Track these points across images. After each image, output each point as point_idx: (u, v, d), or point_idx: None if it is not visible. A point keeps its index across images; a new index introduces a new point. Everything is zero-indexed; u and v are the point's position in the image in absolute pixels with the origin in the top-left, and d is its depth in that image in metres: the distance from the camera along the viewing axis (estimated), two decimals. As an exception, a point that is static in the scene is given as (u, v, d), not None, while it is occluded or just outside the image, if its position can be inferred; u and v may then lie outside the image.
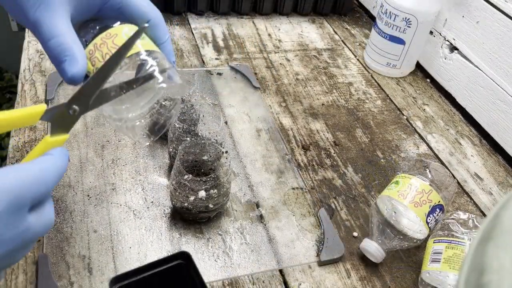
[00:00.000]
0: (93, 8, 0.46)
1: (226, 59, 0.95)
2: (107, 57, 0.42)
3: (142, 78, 0.42)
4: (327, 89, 0.93)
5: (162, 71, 0.44)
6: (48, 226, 0.37)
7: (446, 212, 0.63)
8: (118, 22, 0.46)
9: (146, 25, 0.44)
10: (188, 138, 0.65)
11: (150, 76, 0.42)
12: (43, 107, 0.39)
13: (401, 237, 0.60)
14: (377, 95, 0.94)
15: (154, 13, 0.47)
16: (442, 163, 0.81)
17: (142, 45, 0.45)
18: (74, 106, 0.40)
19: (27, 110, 0.39)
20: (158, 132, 0.48)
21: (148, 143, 0.64)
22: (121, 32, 0.44)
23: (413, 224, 0.60)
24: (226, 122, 0.80)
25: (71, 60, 0.41)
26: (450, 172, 0.78)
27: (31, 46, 0.88)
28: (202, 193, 0.58)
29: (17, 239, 0.34)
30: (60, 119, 0.40)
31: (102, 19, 0.47)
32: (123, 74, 0.43)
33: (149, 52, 0.45)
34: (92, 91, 0.41)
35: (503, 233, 0.21)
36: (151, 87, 0.43)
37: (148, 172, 0.68)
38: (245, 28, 1.07)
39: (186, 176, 0.58)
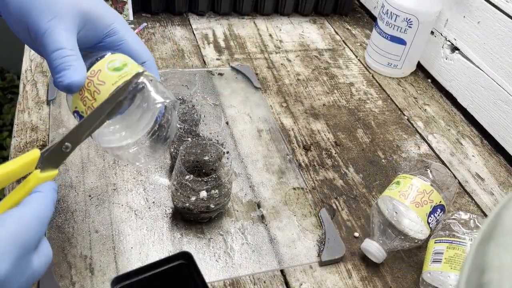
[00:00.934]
0: (98, 35, 0.47)
1: (227, 60, 0.96)
2: (95, 94, 0.43)
3: (130, 93, 0.43)
4: (328, 89, 0.93)
5: (155, 90, 0.44)
6: (48, 262, 0.38)
7: (447, 212, 0.63)
8: (109, 53, 0.47)
9: (145, 71, 0.45)
10: (189, 139, 0.65)
11: (137, 90, 0.43)
12: (36, 153, 0.39)
13: (402, 237, 0.60)
14: (378, 95, 0.94)
15: (148, 57, 0.49)
16: (443, 163, 0.81)
17: (131, 71, 0.45)
18: (66, 143, 0.41)
19: (22, 160, 0.39)
20: (159, 152, 0.49)
21: (150, 165, 0.64)
22: (103, 66, 0.45)
23: (414, 224, 0.60)
24: (227, 123, 0.80)
25: (74, 69, 0.43)
26: (451, 172, 0.78)
27: (32, 46, 0.89)
28: (203, 194, 0.58)
29: (24, 285, 0.35)
30: (52, 156, 0.40)
31: (98, 51, 0.49)
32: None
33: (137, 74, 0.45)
34: (85, 130, 0.42)
35: (504, 233, 0.21)
36: (146, 109, 0.44)
37: (150, 173, 0.68)
38: (246, 28, 1.07)
39: (187, 177, 0.58)
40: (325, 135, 0.82)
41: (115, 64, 0.45)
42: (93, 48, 0.48)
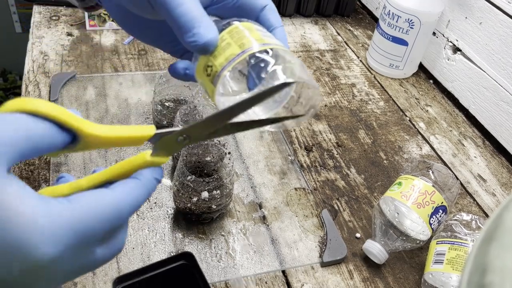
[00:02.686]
0: None
1: (229, 60, 0.95)
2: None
3: (273, 90, 0.34)
4: (330, 90, 0.93)
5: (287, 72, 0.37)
6: (116, 253, 0.32)
7: (449, 213, 0.63)
8: (237, 22, 0.39)
9: (290, 80, 0.35)
10: (191, 139, 0.65)
11: (283, 85, 0.34)
12: (152, 129, 0.34)
13: (404, 238, 0.60)
14: (380, 96, 0.94)
15: (267, 1, 0.42)
16: (445, 164, 0.81)
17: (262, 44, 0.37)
18: (186, 135, 0.35)
19: (136, 130, 0.33)
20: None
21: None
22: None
23: (416, 225, 0.60)
24: (229, 123, 0.80)
25: (206, 27, 0.37)
26: (453, 173, 0.78)
27: (35, 47, 0.89)
28: (205, 194, 0.58)
29: (80, 272, 0.30)
30: (165, 143, 0.35)
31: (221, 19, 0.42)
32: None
33: (275, 54, 0.37)
34: (212, 127, 0.35)
35: (505, 233, 0.21)
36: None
37: (151, 173, 0.68)
38: (248, 29, 1.07)
39: (189, 177, 0.58)
40: (326, 136, 0.82)
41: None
42: (208, 7, 0.42)
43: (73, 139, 0.29)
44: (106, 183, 0.32)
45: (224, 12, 0.42)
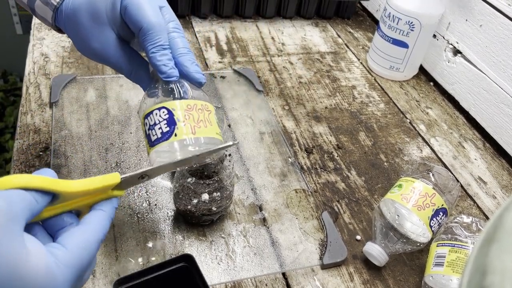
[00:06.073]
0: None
1: (229, 63, 0.96)
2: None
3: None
4: (330, 92, 0.93)
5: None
6: (91, 271, 0.41)
7: (450, 215, 0.63)
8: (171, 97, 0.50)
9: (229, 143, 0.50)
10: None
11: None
12: (117, 178, 0.40)
13: (404, 240, 0.60)
14: (380, 99, 0.94)
15: (147, 22, 0.48)
16: (446, 167, 0.81)
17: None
18: (146, 175, 0.43)
19: (103, 182, 0.39)
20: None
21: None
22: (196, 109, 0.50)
23: (416, 227, 0.60)
24: (229, 125, 0.80)
25: (168, 70, 0.50)
26: (454, 175, 0.78)
27: (35, 49, 0.89)
28: (205, 196, 0.58)
29: None
30: (127, 182, 0.42)
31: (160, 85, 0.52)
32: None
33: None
34: (162, 171, 0.46)
35: (506, 235, 0.21)
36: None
37: (152, 175, 0.68)
38: (248, 31, 1.08)
39: (189, 179, 0.58)
40: (327, 138, 0.82)
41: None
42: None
43: (53, 197, 0.36)
44: (66, 212, 0.39)
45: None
